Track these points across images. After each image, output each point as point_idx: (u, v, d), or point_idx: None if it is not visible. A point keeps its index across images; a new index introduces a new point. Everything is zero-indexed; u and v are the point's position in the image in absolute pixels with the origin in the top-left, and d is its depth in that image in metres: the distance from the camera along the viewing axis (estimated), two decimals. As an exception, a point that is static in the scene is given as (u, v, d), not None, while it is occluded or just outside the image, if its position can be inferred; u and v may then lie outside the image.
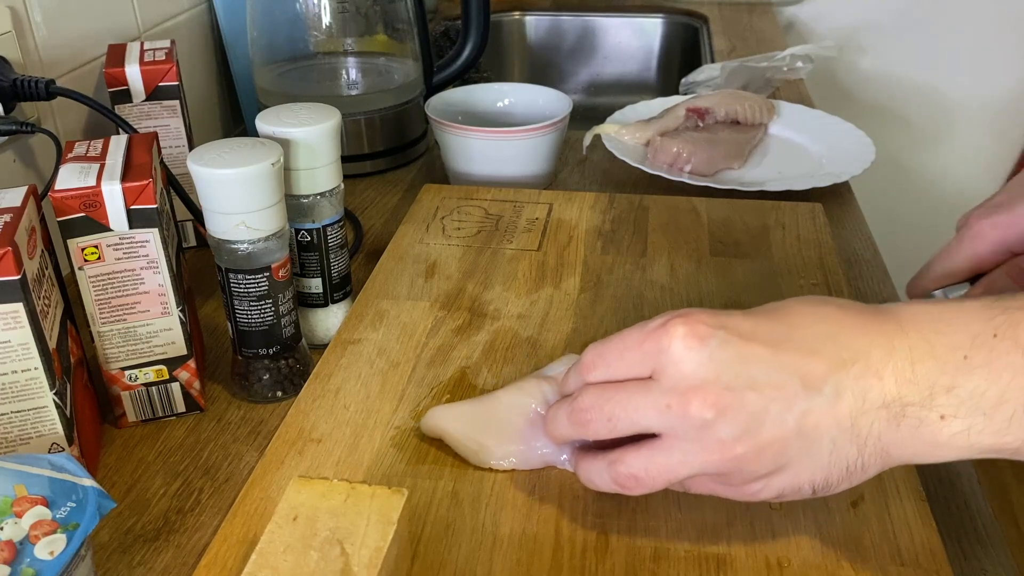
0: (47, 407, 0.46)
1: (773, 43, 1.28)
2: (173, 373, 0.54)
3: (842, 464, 0.36)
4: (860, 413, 0.36)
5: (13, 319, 0.43)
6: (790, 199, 0.76)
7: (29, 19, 0.67)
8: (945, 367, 0.35)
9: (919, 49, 1.52)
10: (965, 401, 0.34)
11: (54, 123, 0.70)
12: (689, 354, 0.37)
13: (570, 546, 0.43)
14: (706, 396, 0.36)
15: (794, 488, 0.37)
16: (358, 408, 0.52)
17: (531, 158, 0.81)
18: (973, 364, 0.34)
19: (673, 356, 0.37)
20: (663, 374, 0.37)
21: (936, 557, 0.42)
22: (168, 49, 0.69)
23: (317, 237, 0.59)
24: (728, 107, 0.91)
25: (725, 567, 0.41)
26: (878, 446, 0.36)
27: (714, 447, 0.37)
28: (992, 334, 0.34)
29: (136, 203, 0.48)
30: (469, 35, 0.96)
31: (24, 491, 0.38)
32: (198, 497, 0.50)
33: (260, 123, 0.56)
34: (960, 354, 0.35)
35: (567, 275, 0.65)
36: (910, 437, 0.35)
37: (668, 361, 0.37)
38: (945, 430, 0.35)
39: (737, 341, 0.37)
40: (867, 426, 0.36)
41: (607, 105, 1.04)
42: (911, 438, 0.35)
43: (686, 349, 0.37)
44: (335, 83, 0.91)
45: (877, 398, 0.35)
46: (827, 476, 0.37)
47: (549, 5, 1.44)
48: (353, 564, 0.36)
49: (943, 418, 0.35)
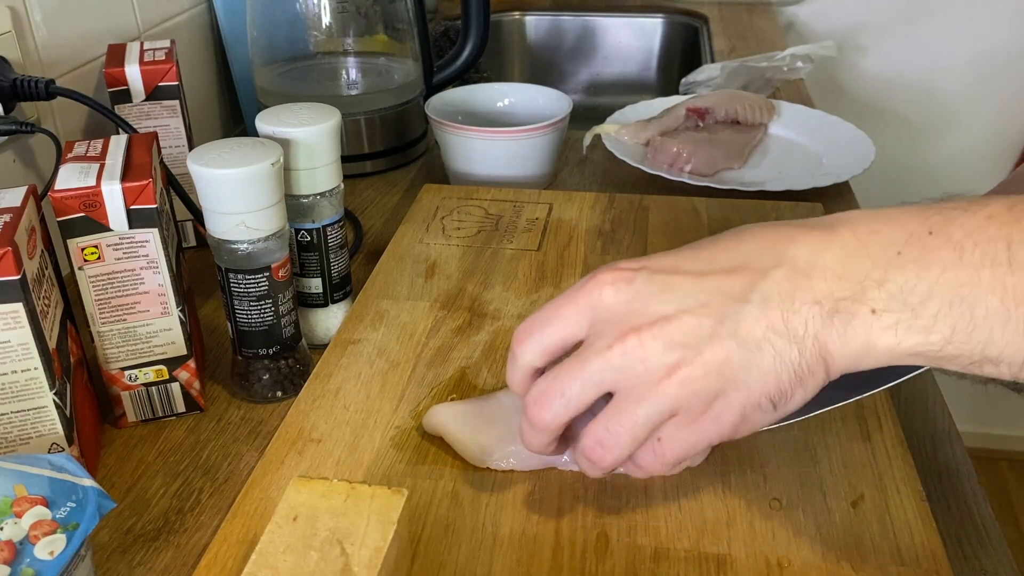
0: (47, 407, 0.46)
1: (773, 43, 1.28)
2: (173, 373, 0.54)
3: (788, 368, 0.36)
4: (791, 312, 0.36)
5: (13, 319, 0.43)
6: (790, 199, 0.76)
7: (29, 19, 0.67)
8: (877, 262, 0.35)
9: (919, 49, 1.52)
10: (895, 295, 0.34)
11: (54, 123, 0.70)
12: (618, 296, 0.38)
13: (570, 546, 0.43)
14: (640, 329, 0.37)
15: (753, 404, 0.37)
16: (358, 408, 0.52)
17: (531, 158, 0.81)
18: (905, 259, 0.34)
19: (604, 302, 0.38)
20: (598, 323, 0.38)
21: (936, 557, 0.42)
22: (168, 49, 0.69)
23: (317, 237, 0.59)
24: (728, 107, 0.91)
25: (725, 567, 0.41)
26: (816, 345, 0.36)
27: (660, 376, 0.37)
28: (927, 231, 0.35)
29: (136, 203, 0.48)
30: (469, 35, 0.96)
31: (24, 491, 0.38)
32: (198, 497, 0.50)
33: (260, 123, 0.56)
34: (893, 250, 0.35)
35: (567, 275, 0.65)
36: (843, 333, 0.35)
37: (600, 308, 0.38)
38: (876, 323, 0.35)
39: (661, 275, 0.38)
40: (801, 325, 0.36)
41: (607, 105, 1.04)
42: (844, 334, 0.35)
43: (615, 293, 0.38)
44: (335, 83, 0.91)
45: (807, 296, 0.36)
46: (778, 383, 0.36)
47: (549, 5, 1.44)
48: (353, 564, 0.36)
49: (874, 312, 0.35)
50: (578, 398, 0.39)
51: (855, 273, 0.35)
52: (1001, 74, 1.52)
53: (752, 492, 0.46)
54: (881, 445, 0.48)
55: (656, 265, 0.39)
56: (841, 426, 0.50)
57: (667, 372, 0.37)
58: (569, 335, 0.40)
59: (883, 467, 0.47)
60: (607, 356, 0.37)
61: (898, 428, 0.50)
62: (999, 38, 1.49)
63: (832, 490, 0.46)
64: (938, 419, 0.56)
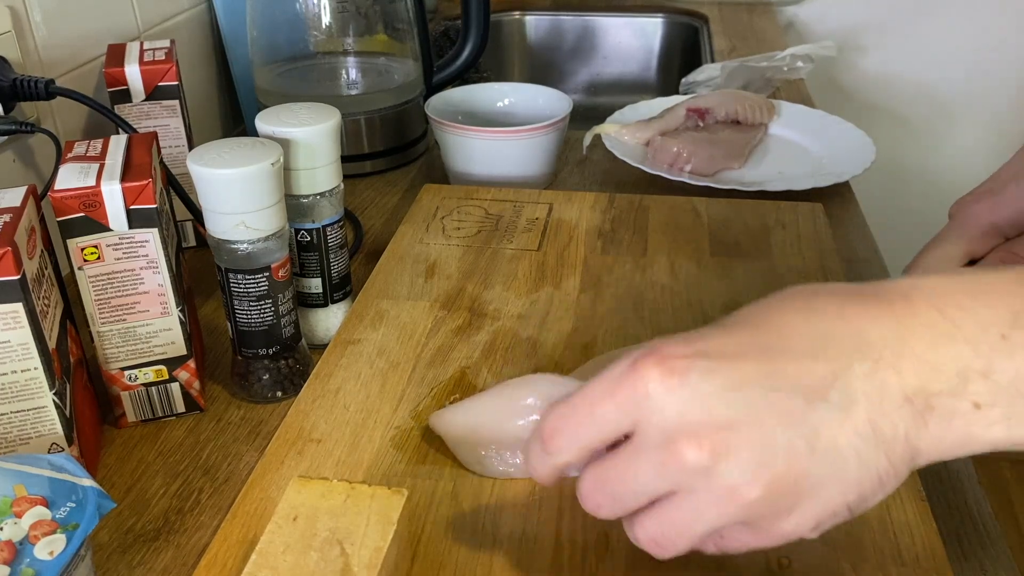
0: (47, 407, 0.46)
1: (773, 43, 1.28)
2: (173, 373, 0.54)
3: (873, 476, 0.32)
4: (880, 415, 0.31)
5: (13, 319, 0.43)
6: (790, 199, 0.76)
7: (29, 19, 0.67)
8: (979, 349, 0.30)
9: (919, 49, 1.52)
10: (1004, 387, 0.30)
11: (54, 123, 0.70)
12: (670, 397, 0.32)
13: (570, 546, 0.43)
14: (700, 440, 0.31)
15: (829, 514, 0.32)
16: (358, 408, 0.52)
17: (531, 158, 0.81)
18: (1014, 344, 0.30)
19: (653, 403, 0.32)
20: (647, 425, 0.32)
21: (936, 557, 0.42)
22: (168, 49, 0.69)
23: (317, 237, 0.59)
24: (728, 107, 0.91)
25: (725, 567, 0.41)
26: (907, 448, 0.31)
27: (724, 494, 0.32)
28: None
29: (136, 203, 0.48)
30: (469, 35, 0.96)
31: (24, 491, 0.38)
32: (198, 497, 0.50)
33: (260, 123, 0.56)
34: (996, 333, 0.30)
35: (567, 275, 0.65)
36: (941, 432, 0.31)
37: (649, 410, 0.32)
38: (981, 420, 0.30)
39: (720, 367, 0.32)
40: (890, 428, 0.31)
41: (607, 105, 1.04)
42: (943, 433, 0.31)
43: (666, 392, 0.32)
44: (335, 83, 0.91)
45: (896, 394, 0.31)
46: (860, 492, 0.32)
47: (549, 5, 1.44)
48: (353, 564, 0.36)
49: (978, 407, 0.30)
50: (632, 502, 0.34)
51: (951, 362, 0.30)
52: (1001, 74, 1.52)
53: (752, 492, 0.45)
54: (881, 445, 0.48)
55: (713, 352, 0.32)
56: (841, 426, 0.50)
57: (733, 492, 0.32)
58: (607, 436, 0.34)
59: (883, 467, 0.47)
60: (662, 464, 0.32)
61: (898, 428, 0.49)
62: (999, 38, 1.49)
63: (832, 490, 0.45)
64: (938, 419, 0.56)
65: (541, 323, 0.60)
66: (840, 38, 1.46)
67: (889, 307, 0.32)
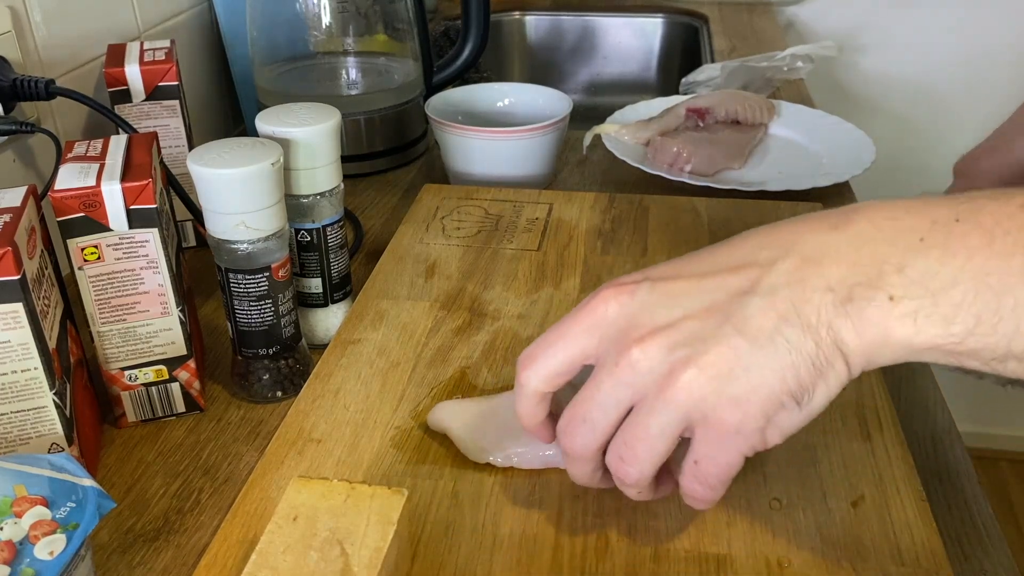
0: (47, 407, 0.46)
1: (773, 43, 1.28)
2: (173, 373, 0.54)
3: (806, 360, 0.34)
4: (803, 301, 0.34)
5: (13, 319, 0.43)
6: (790, 199, 0.76)
7: (29, 19, 0.67)
8: (896, 247, 0.33)
9: (920, 49, 1.52)
10: (916, 281, 0.32)
11: (54, 123, 0.70)
12: (622, 311, 0.37)
13: (570, 546, 0.43)
14: (645, 341, 0.36)
15: (774, 401, 0.34)
16: (358, 408, 0.52)
17: (531, 158, 0.81)
18: (928, 245, 0.32)
19: (608, 318, 0.37)
20: (605, 341, 0.37)
21: (936, 557, 0.42)
22: (168, 49, 0.69)
23: (317, 237, 0.59)
24: (728, 107, 0.91)
25: (725, 567, 0.41)
26: (831, 335, 0.34)
27: (668, 384, 0.35)
28: (954, 218, 0.32)
29: (136, 203, 0.48)
30: (469, 35, 0.96)
31: (24, 491, 0.38)
32: (198, 497, 0.50)
33: (260, 123, 0.56)
34: (915, 236, 0.33)
35: (567, 275, 0.65)
36: (858, 321, 0.33)
37: (605, 324, 0.37)
38: (893, 311, 0.33)
39: (663, 283, 0.37)
40: (814, 313, 0.34)
41: (607, 105, 1.04)
42: (859, 322, 0.33)
43: (619, 307, 0.37)
44: (335, 83, 0.91)
45: (819, 283, 0.34)
46: (797, 377, 0.34)
47: (549, 5, 1.44)
48: (353, 564, 0.36)
49: (892, 299, 0.33)
50: (602, 421, 0.38)
51: (871, 258, 0.33)
52: (1001, 74, 1.52)
53: (752, 492, 0.46)
54: (881, 445, 0.48)
55: (657, 274, 0.38)
56: (841, 426, 0.50)
57: (674, 378, 0.35)
58: (575, 356, 0.39)
59: (883, 467, 0.47)
60: (616, 373, 0.36)
61: (898, 428, 0.50)
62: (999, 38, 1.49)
63: (832, 490, 0.46)
64: (938, 419, 0.56)
65: (541, 323, 0.60)
66: (840, 38, 1.46)
67: (823, 221, 0.35)
